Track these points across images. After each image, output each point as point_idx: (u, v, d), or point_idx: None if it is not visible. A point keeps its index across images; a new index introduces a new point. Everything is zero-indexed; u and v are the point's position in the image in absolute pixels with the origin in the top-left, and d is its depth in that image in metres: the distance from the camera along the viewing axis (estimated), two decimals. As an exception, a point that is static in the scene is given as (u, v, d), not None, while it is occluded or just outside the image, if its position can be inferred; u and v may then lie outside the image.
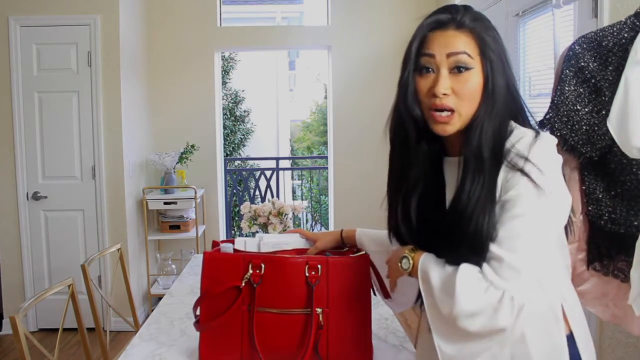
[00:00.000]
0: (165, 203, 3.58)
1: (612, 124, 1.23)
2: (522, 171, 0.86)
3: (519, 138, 0.89)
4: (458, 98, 0.90)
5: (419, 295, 1.00)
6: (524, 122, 0.96)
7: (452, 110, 0.91)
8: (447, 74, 0.90)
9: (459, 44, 0.90)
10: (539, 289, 0.86)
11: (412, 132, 0.96)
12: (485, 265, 0.86)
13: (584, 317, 0.99)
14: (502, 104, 0.91)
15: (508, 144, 0.90)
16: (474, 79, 0.90)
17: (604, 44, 1.36)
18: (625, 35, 1.32)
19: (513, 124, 0.94)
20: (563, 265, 0.98)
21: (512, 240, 0.84)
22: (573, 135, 1.38)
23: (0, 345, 3.24)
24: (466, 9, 0.94)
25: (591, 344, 0.98)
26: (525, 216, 0.85)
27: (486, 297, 0.83)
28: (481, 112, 0.91)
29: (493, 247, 0.85)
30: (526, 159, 0.86)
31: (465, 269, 0.86)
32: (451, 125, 0.91)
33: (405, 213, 0.99)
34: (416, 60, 0.93)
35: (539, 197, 0.85)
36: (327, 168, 4.51)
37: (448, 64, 0.90)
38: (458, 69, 0.90)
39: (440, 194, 0.98)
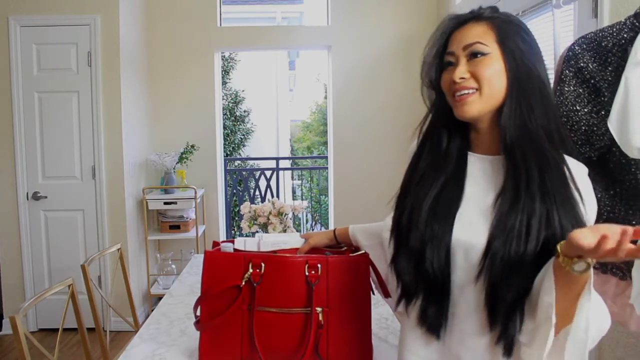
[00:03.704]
0: (165, 203, 3.58)
1: (613, 125, 1.23)
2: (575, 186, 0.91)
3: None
4: (477, 79, 0.91)
5: (401, 296, 0.97)
6: (560, 138, 0.94)
7: (472, 89, 0.92)
8: (465, 62, 0.93)
9: (473, 33, 0.92)
10: None
11: (445, 130, 0.98)
12: None
13: None
14: (533, 97, 0.91)
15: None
16: (492, 63, 0.91)
17: (603, 44, 1.36)
18: (625, 35, 1.32)
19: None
20: None
21: None
22: (572, 135, 1.37)
23: (0, 345, 3.24)
24: (491, 8, 0.96)
25: None
26: None
27: None
28: (509, 102, 0.91)
29: None
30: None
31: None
32: (470, 105, 0.92)
33: (420, 203, 0.95)
34: (441, 61, 0.97)
35: None
36: (327, 168, 4.51)
37: (465, 55, 0.93)
38: (475, 55, 0.92)
39: (459, 190, 0.96)
